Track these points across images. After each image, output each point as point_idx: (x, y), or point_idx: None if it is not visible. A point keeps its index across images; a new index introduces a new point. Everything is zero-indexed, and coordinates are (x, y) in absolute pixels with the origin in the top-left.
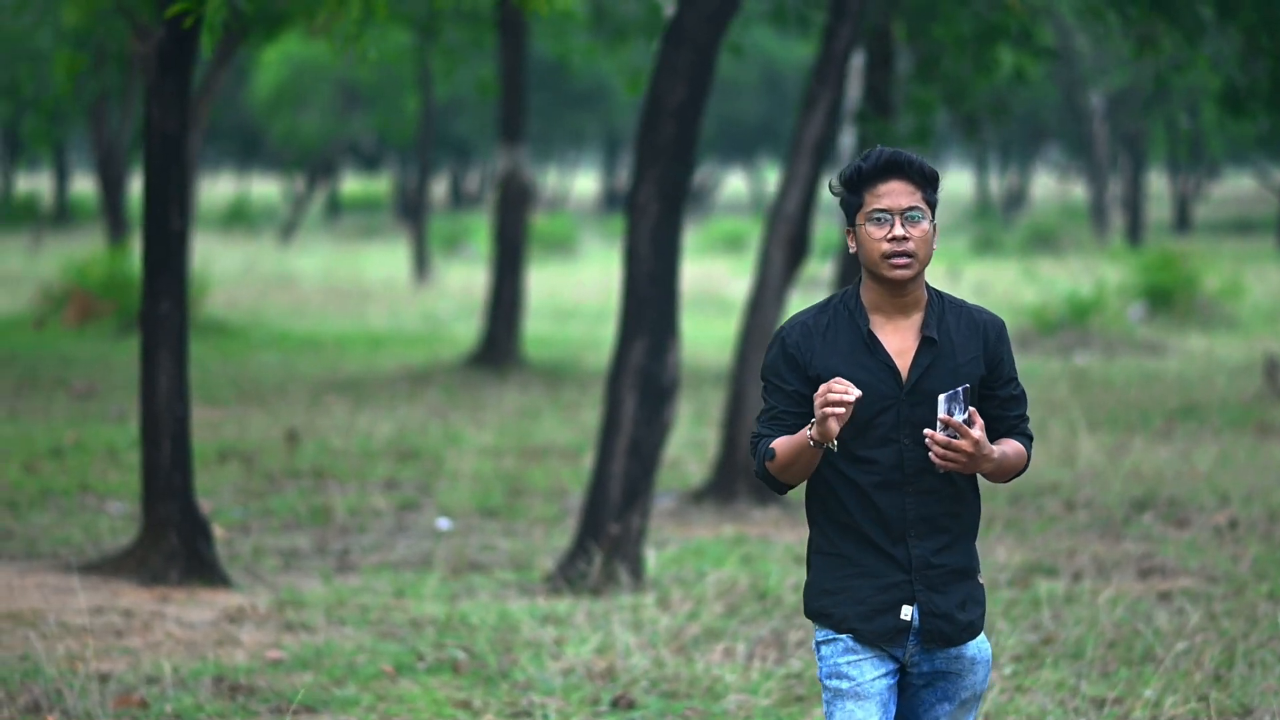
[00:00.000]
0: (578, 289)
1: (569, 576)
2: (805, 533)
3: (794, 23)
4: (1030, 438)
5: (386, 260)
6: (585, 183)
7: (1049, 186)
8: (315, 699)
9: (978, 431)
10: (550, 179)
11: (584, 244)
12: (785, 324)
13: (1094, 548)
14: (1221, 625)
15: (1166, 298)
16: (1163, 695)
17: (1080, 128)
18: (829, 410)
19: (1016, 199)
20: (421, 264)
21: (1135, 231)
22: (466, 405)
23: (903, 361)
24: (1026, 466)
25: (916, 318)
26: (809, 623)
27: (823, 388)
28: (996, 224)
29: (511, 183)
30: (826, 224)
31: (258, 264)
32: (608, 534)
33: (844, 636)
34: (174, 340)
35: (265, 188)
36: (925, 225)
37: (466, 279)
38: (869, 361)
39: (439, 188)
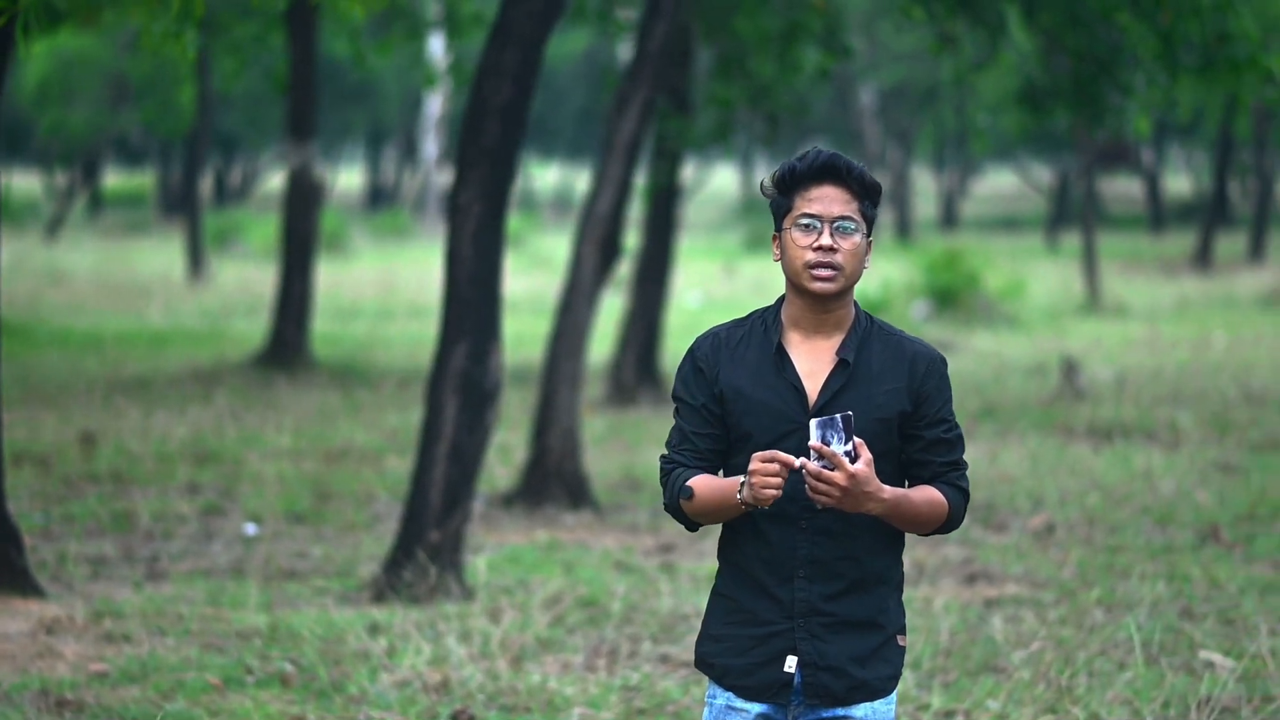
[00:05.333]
0: (355, 287)
1: (393, 584)
2: (622, 538)
3: (594, 20)
4: (963, 491)
5: (157, 257)
6: (349, 178)
7: None
8: (145, 714)
9: (860, 466)
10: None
11: (353, 241)
12: (699, 336)
13: (914, 551)
14: (1058, 633)
15: (950, 296)
16: (1008, 706)
17: (849, 123)
18: (762, 487)
19: None
20: (196, 260)
21: (904, 227)
22: (260, 406)
23: (812, 384)
24: (953, 522)
25: (837, 339)
26: (640, 632)
27: (757, 456)
28: (765, 220)
29: (301, 180)
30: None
31: (26, 260)
32: (429, 540)
33: (725, 696)
34: None
35: (24, 182)
36: (857, 239)
37: (241, 276)
38: (775, 381)
39: (203, 183)
